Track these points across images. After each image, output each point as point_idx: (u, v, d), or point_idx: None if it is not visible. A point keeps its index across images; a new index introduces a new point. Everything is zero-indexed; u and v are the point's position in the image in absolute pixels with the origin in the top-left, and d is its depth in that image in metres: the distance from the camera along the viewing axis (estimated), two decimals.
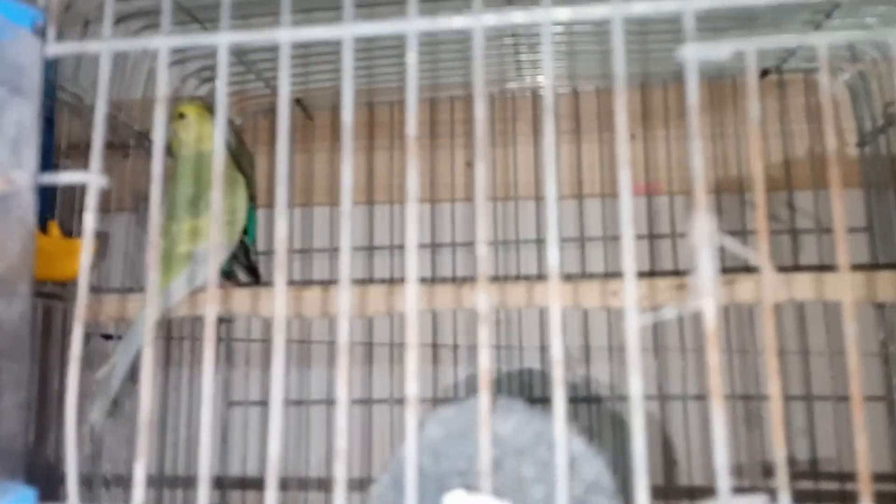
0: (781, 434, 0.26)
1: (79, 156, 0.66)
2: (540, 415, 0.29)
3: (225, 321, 0.79)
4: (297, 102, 0.80)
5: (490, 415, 0.26)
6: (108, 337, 0.77)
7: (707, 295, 0.27)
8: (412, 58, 0.29)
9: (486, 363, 0.27)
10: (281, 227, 0.29)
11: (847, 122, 0.79)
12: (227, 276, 0.66)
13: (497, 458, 0.28)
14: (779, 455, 0.25)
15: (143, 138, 0.66)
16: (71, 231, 0.62)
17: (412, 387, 0.27)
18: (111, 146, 0.67)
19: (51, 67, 0.61)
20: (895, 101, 0.72)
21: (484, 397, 0.27)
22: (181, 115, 0.62)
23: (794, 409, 0.74)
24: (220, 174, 0.29)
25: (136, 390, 0.60)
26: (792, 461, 0.73)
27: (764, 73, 0.79)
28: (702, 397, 0.75)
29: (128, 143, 0.66)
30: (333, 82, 0.77)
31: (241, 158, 0.73)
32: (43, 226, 0.58)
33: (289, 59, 0.30)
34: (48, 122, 0.66)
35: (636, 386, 0.26)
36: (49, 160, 0.69)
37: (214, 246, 0.29)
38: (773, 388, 0.26)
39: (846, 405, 0.72)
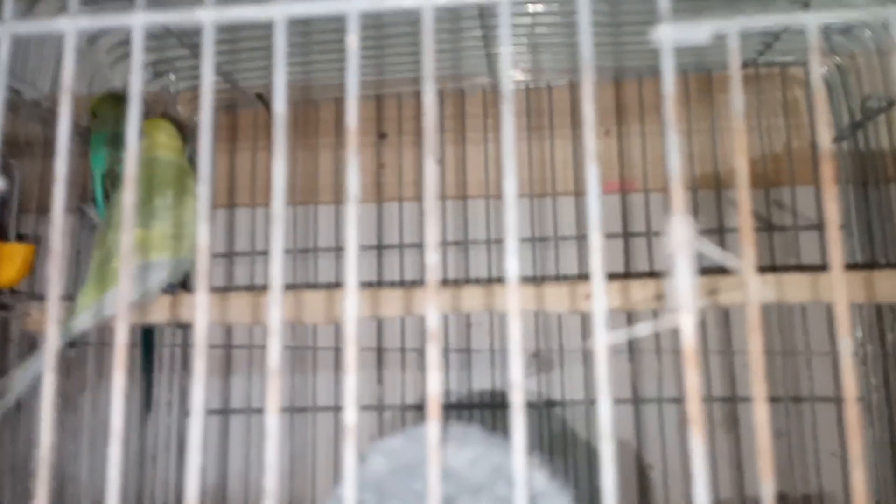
0: (769, 466, 0.23)
1: (18, 153, 0.62)
2: (498, 445, 0.26)
3: (182, 327, 0.75)
4: (259, 98, 0.76)
5: (441, 446, 0.23)
6: (72, 345, 0.72)
7: (684, 310, 0.23)
8: (353, 41, 0.26)
9: (435, 388, 0.24)
10: (203, 234, 0.25)
11: (825, 118, 0.77)
12: (171, 290, 0.57)
13: (450, 495, 0.25)
14: (766, 491, 0.22)
15: (88, 134, 0.62)
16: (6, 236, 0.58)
17: (351, 415, 0.24)
18: (50, 143, 0.63)
19: None
20: (873, 95, 0.70)
21: (433, 426, 0.23)
22: None
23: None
24: (133, 178, 0.26)
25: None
26: (782, 497, 0.70)
27: (741, 66, 0.76)
28: (679, 400, 0.73)
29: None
30: (298, 76, 0.73)
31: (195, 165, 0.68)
32: None
33: (212, 42, 0.26)
34: None
35: (605, 409, 0.23)
36: None
37: (126, 258, 0.26)
38: (760, 414, 0.23)
39: (823, 407, 0.70)
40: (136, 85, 0.26)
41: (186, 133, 0.72)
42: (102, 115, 0.61)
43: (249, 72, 0.71)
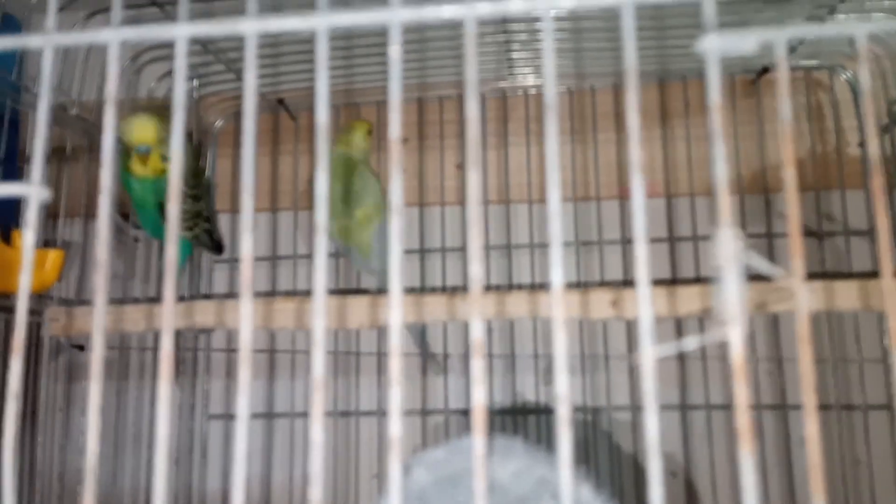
0: (820, 480, 0.22)
1: (54, 160, 0.62)
2: (542, 458, 0.26)
3: (204, 332, 0.75)
4: (280, 103, 0.77)
5: (486, 459, 0.23)
6: (80, 348, 0.73)
7: (733, 323, 0.23)
8: (396, 51, 0.26)
9: (481, 399, 0.24)
10: (246, 244, 0.25)
11: (849, 122, 0.76)
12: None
13: None
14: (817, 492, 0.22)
15: (120, 142, 0.62)
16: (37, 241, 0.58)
17: (395, 426, 0.24)
18: (84, 150, 0.63)
19: (12, 65, 0.58)
20: None
21: (479, 439, 0.23)
22: None
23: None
24: (177, 185, 0.26)
25: None
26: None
27: (763, 70, 0.76)
28: (727, 407, 0.72)
29: (82, 142, 0.62)
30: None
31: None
32: (7, 236, 0.55)
33: (255, 53, 0.26)
34: (12, 125, 0.62)
35: (652, 424, 0.23)
36: (13, 165, 0.65)
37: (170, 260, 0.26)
38: (811, 427, 0.23)
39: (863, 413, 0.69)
40: (180, 96, 0.27)
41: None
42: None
43: (270, 77, 0.71)
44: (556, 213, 0.25)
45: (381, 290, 0.68)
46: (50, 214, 0.59)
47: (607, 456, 0.73)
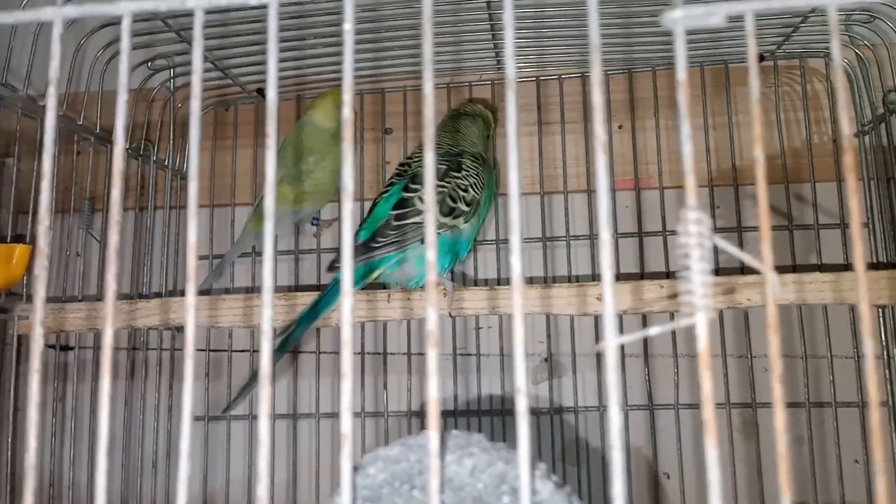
0: (788, 473, 0.21)
1: (28, 154, 0.61)
2: (502, 454, 0.25)
3: (180, 330, 0.74)
4: (259, 93, 0.75)
5: (441, 455, 0.21)
6: (52, 347, 0.72)
7: (699, 309, 0.22)
8: (348, 28, 0.25)
9: (435, 393, 0.23)
10: (191, 232, 0.24)
11: (846, 111, 0.75)
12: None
13: None
14: (785, 501, 0.21)
15: (89, 133, 0.61)
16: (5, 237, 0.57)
17: (346, 421, 0.23)
18: (58, 141, 0.62)
19: None
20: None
21: (433, 434, 0.22)
22: None
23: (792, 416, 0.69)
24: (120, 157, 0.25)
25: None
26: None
27: (759, 58, 0.74)
28: (695, 406, 0.71)
29: (75, 138, 0.61)
30: (299, 72, 0.72)
31: None
32: None
33: (202, 28, 0.25)
34: None
35: (615, 414, 0.22)
36: None
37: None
38: (779, 420, 0.21)
39: (845, 413, 0.68)
40: (124, 73, 0.25)
41: None
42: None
43: (251, 66, 0.70)
44: (516, 209, 0.24)
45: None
46: (23, 210, 0.58)
47: (575, 455, 0.71)
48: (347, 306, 0.23)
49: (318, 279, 0.76)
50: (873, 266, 0.70)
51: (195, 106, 0.25)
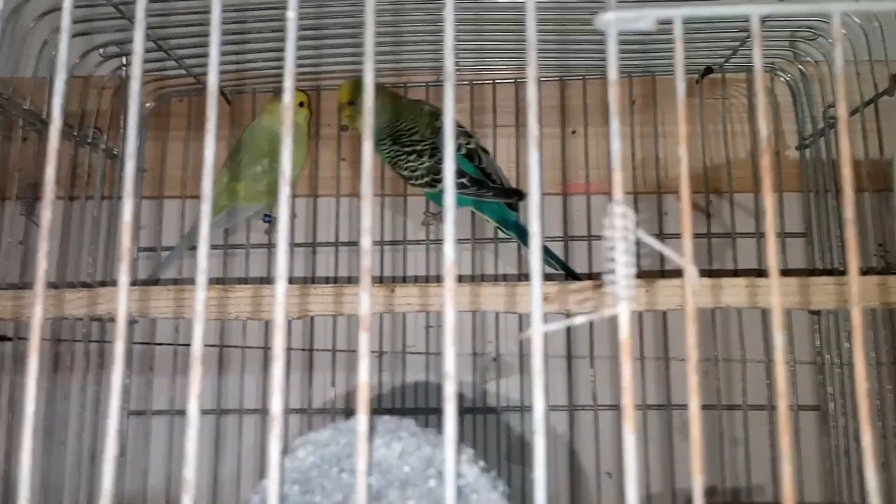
0: (700, 461, 0.22)
1: None
2: (431, 439, 0.25)
3: (131, 323, 0.73)
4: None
5: (370, 438, 0.22)
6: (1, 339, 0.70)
7: (622, 299, 0.23)
8: (291, 16, 0.25)
9: (365, 376, 0.23)
10: (127, 210, 0.24)
11: (788, 125, 0.78)
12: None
13: (378, 489, 0.24)
14: (696, 486, 0.22)
15: (35, 119, 0.60)
16: None
17: (276, 403, 0.23)
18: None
19: None
20: (836, 102, 0.70)
21: (362, 417, 0.22)
22: None
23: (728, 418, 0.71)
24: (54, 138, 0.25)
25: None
26: (712, 490, 0.70)
27: (707, 70, 0.76)
28: (616, 407, 0.72)
29: (16, 122, 0.60)
30: (257, 64, 0.72)
31: None
32: None
33: (144, 9, 0.25)
34: None
35: (539, 401, 0.23)
36: None
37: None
38: (693, 406, 0.22)
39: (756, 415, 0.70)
40: (63, 53, 0.25)
41: None
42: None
43: (204, 58, 0.70)
44: (451, 207, 0.25)
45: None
46: None
47: (520, 455, 0.72)
48: (281, 289, 0.24)
49: (266, 272, 0.75)
50: (811, 273, 0.73)
51: (134, 87, 0.25)
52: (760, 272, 0.72)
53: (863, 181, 0.67)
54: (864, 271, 0.65)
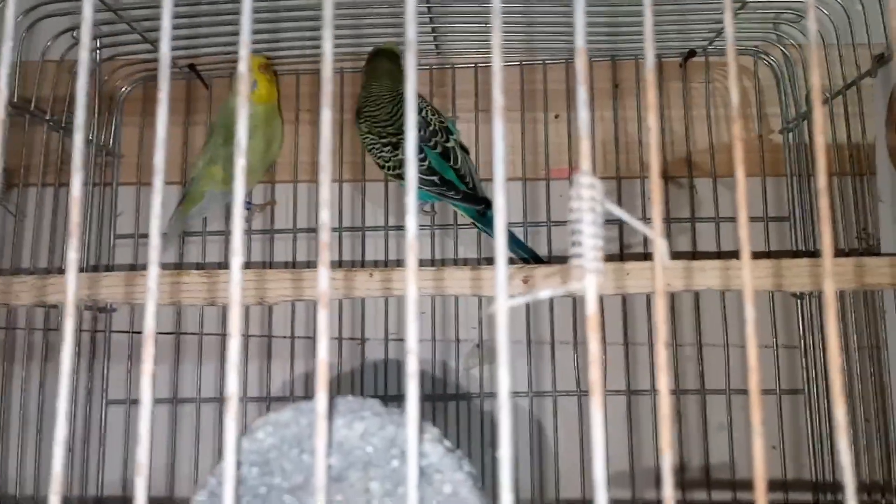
0: (669, 437, 0.21)
1: None
2: (396, 418, 0.25)
3: (103, 311, 0.72)
4: (191, 69, 0.73)
5: (332, 418, 0.21)
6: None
7: (589, 272, 0.22)
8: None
9: (324, 355, 0.22)
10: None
11: (772, 108, 0.77)
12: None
13: (339, 469, 0.23)
14: (666, 463, 0.21)
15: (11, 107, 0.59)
16: None
17: (233, 382, 0.22)
18: None
19: None
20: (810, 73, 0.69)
21: (321, 396, 0.22)
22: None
23: (690, 404, 0.71)
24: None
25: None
26: (682, 467, 0.70)
27: (690, 54, 0.76)
28: (584, 392, 0.72)
29: None
30: (231, 48, 0.71)
31: None
32: None
33: None
34: None
35: (504, 377, 0.22)
36: None
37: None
38: (662, 384, 0.22)
39: (742, 399, 0.70)
40: (10, 19, 0.24)
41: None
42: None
43: (182, 40, 0.68)
44: (412, 187, 0.24)
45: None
46: None
47: (528, 445, 0.72)
48: (237, 265, 0.23)
49: (224, 258, 0.74)
50: (794, 255, 0.72)
51: (83, 56, 0.24)
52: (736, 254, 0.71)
53: (845, 165, 0.67)
54: (845, 253, 0.65)
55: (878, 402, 0.65)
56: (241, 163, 0.23)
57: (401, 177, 0.69)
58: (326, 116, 0.23)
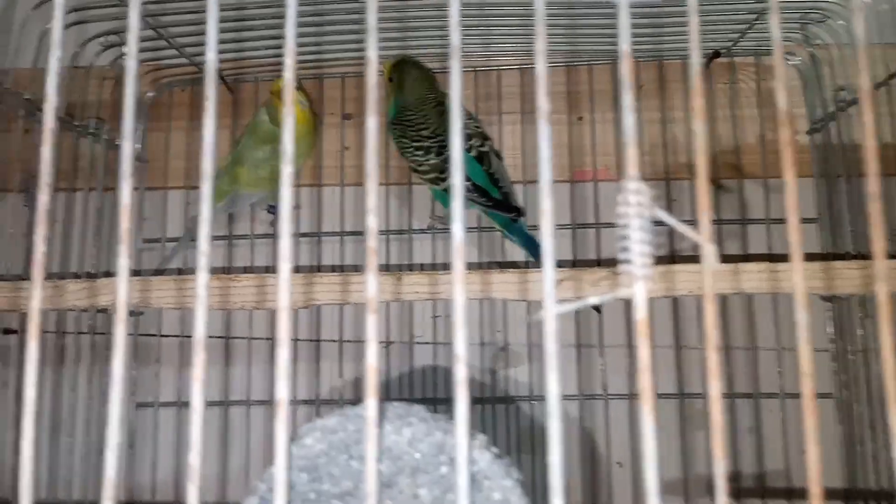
0: (721, 445, 0.21)
1: None
2: (441, 425, 0.25)
3: (134, 314, 0.72)
4: (219, 76, 0.74)
5: (380, 424, 0.21)
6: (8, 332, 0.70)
7: (638, 278, 0.22)
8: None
9: (373, 360, 0.22)
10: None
11: (798, 109, 0.76)
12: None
13: (388, 476, 0.23)
14: (718, 470, 0.21)
15: (35, 109, 0.59)
16: None
17: (283, 388, 0.22)
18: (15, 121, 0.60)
19: None
20: (846, 86, 0.69)
21: (371, 402, 0.22)
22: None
23: (741, 408, 0.71)
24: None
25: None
26: (736, 475, 0.69)
27: (715, 55, 0.75)
28: (627, 396, 0.72)
29: (16, 113, 0.59)
30: (258, 52, 0.71)
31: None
32: None
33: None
34: None
35: (553, 384, 0.22)
36: None
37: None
38: (714, 389, 0.22)
39: (794, 404, 0.69)
40: (56, 34, 0.25)
41: None
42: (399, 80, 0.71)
43: (199, 46, 0.69)
44: (460, 191, 0.24)
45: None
46: None
47: (530, 445, 0.72)
48: (285, 271, 0.23)
49: (272, 263, 0.75)
50: (823, 257, 0.72)
51: (131, 64, 0.25)
52: (772, 257, 0.71)
53: (885, 165, 0.66)
54: (891, 255, 0.64)
55: None
56: (287, 171, 0.24)
57: (434, 181, 0.69)
58: (373, 124, 0.24)
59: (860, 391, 0.67)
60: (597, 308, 0.71)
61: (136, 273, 0.71)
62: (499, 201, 0.67)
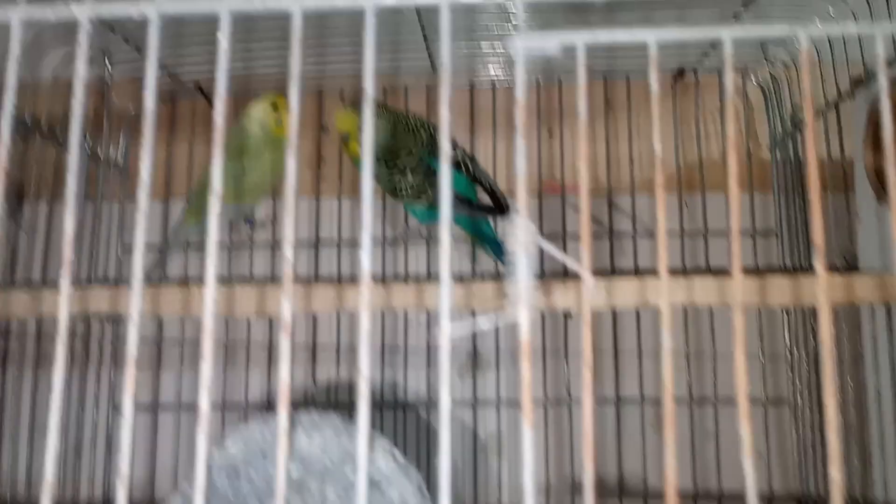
0: (591, 452, 0.24)
1: None
2: (351, 432, 0.27)
3: (113, 321, 0.75)
4: (198, 89, 0.76)
5: (292, 431, 0.24)
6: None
7: (523, 305, 0.25)
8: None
9: (285, 375, 0.25)
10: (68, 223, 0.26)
11: (761, 126, 0.79)
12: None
13: (299, 478, 0.26)
14: (588, 473, 0.24)
15: (18, 122, 0.62)
16: None
17: (204, 398, 0.25)
18: None
19: None
20: (803, 105, 0.71)
21: (282, 411, 0.24)
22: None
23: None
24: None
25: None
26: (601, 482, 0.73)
27: (680, 73, 0.78)
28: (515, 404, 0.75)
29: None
30: (238, 64, 0.74)
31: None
32: None
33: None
34: None
35: (445, 399, 0.25)
36: None
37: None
38: (586, 400, 0.24)
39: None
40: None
41: None
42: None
43: (188, 59, 0.71)
44: (368, 202, 0.26)
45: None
46: None
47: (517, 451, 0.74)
48: (211, 280, 0.26)
49: (249, 272, 0.78)
50: (781, 271, 0.74)
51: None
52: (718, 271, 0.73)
53: (826, 183, 0.69)
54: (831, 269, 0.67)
55: (858, 415, 0.67)
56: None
57: (415, 196, 0.71)
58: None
59: (811, 397, 0.70)
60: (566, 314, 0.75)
61: (118, 281, 0.74)
62: (481, 206, 0.70)
